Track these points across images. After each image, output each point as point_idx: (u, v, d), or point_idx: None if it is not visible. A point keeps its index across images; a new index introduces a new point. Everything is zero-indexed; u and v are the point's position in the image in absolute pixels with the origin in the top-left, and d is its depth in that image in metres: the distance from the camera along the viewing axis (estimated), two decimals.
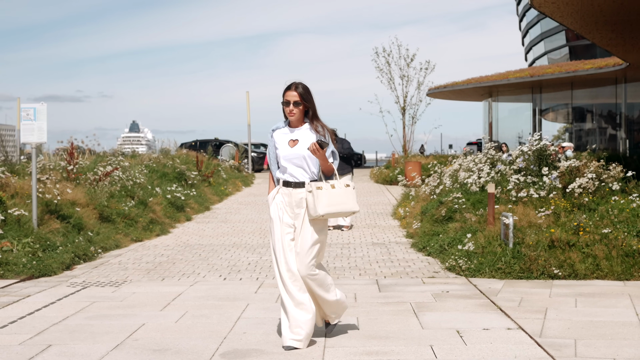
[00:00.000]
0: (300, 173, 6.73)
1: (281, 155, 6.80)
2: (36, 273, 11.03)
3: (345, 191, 6.66)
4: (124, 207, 16.16)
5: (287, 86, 6.79)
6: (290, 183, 6.75)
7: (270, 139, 6.95)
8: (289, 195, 6.75)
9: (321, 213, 6.53)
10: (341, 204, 6.61)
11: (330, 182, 6.64)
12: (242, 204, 23.45)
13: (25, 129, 13.02)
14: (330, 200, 6.55)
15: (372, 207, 21.86)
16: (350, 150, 16.69)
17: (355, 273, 11.10)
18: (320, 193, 6.55)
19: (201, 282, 10.49)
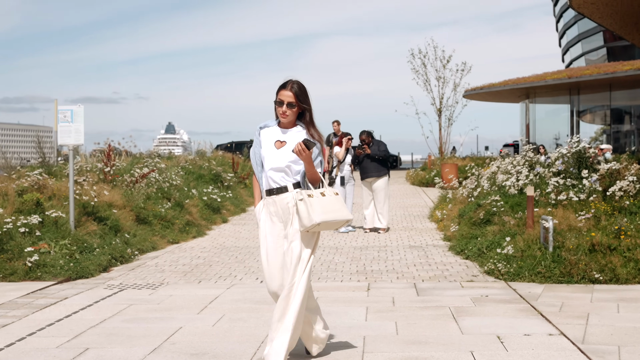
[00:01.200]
0: (281, 177, 6.14)
1: (264, 156, 6.19)
2: (73, 275, 11.05)
3: (336, 199, 6.13)
4: (161, 209, 16.18)
5: (282, 84, 6.17)
6: (273, 190, 6.17)
7: (257, 138, 6.33)
8: (274, 204, 6.17)
9: (317, 221, 5.94)
10: (335, 211, 6.06)
11: (320, 191, 6.10)
12: None
13: (62, 130, 13.05)
14: (323, 207, 6.00)
15: (409, 209, 21.74)
16: (386, 153, 16.60)
17: (393, 276, 11.00)
18: (313, 201, 5.99)
19: (238, 284, 10.45)
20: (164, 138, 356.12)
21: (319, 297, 9.32)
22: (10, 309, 8.84)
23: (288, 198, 6.10)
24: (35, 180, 14.12)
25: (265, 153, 6.19)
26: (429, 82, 43.57)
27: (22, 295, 9.73)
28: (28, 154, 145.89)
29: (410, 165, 60.73)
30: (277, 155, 6.12)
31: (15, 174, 15.56)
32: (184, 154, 39.50)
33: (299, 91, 6.12)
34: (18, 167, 17.71)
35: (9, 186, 13.65)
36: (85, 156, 20.94)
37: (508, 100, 54.26)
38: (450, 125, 43.04)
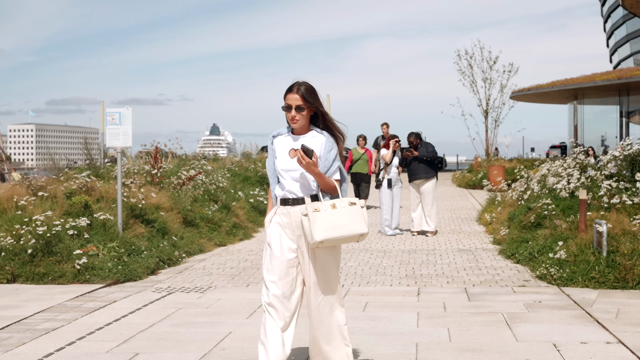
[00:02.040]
0: (299, 188, 5.58)
1: (279, 166, 5.66)
2: (121, 278, 11.04)
3: (350, 211, 5.43)
4: (208, 211, 16.16)
5: (288, 88, 5.65)
6: (289, 200, 5.60)
7: (270, 147, 5.81)
8: (288, 215, 5.59)
9: (318, 239, 5.31)
10: (344, 226, 5.38)
11: (331, 202, 5.43)
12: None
13: (110, 133, 13.06)
14: (329, 222, 5.35)
15: (456, 212, 21.54)
16: (434, 154, 16.44)
17: (443, 281, 10.85)
18: (317, 216, 5.35)
19: None
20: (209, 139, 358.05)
21: (368, 302, 9.21)
22: (60, 312, 8.83)
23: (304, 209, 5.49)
24: (84, 182, 14.16)
25: (279, 163, 5.67)
26: (475, 84, 43.30)
27: (71, 298, 9.73)
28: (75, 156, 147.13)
29: (456, 166, 60.34)
30: (292, 165, 5.58)
31: (63, 175, 15.62)
32: (228, 155, 39.50)
33: (306, 92, 5.58)
34: (66, 169, 17.80)
35: (58, 188, 13.70)
36: (131, 157, 20.99)
37: (555, 102, 53.72)
38: (496, 127, 42.69)
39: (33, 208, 12.48)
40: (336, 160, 5.58)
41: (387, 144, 16.71)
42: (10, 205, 12.69)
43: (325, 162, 5.53)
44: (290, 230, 5.58)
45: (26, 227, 11.49)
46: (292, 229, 5.57)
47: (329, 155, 5.55)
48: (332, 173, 5.54)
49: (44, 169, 20.98)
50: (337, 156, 5.61)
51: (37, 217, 11.66)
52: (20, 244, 11.26)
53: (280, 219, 5.63)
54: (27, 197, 12.78)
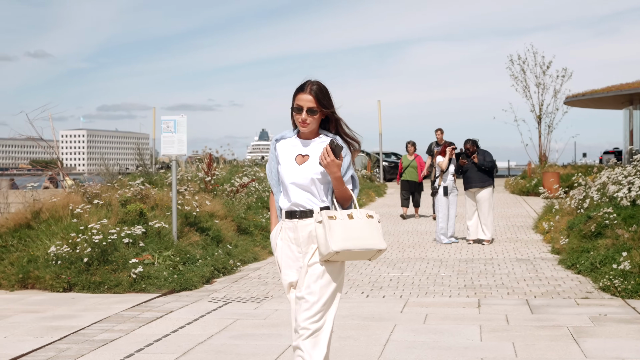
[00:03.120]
0: (307, 199, 5.01)
1: (284, 173, 5.07)
2: (177, 287, 10.97)
3: (368, 223, 4.92)
4: (261, 219, 16.07)
5: (299, 87, 5.06)
6: (295, 213, 5.03)
7: (272, 152, 5.24)
8: (294, 230, 5.03)
9: (335, 249, 4.79)
10: (361, 238, 4.86)
11: (348, 212, 4.92)
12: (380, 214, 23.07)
13: (165, 141, 13.02)
14: (346, 233, 4.83)
15: (511, 219, 21.23)
16: (492, 163, 16.18)
17: (503, 292, 10.61)
18: (334, 224, 4.84)
19: (343, 299, 10.20)
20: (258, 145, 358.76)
21: (428, 314, 9.03)
22: (117, 323, 8.76)
23: (312, 225, 4.95)
24: (138, 190, 14.14)
25: (285, 170, 5.08)
26: (528, 89, 42.73)
27: (127, 308, 9.66)
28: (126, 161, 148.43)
29: (507, 172, 59.76)
30: (300, 172, 5.00)
31: (117, 183, 15.64)
32: None
33: (320, 93, 5.00)
34: (119, 176, 17.84)
35: (113, 196, 13.69)
36: (183, 164, 21.00)
37: (610, 107, 52.93)
38: (550, 133, 42.14)
39: (89, 216, 12.47)
40: (350, 168, 5.03)
41: (444, 151, 16.49)
42: (66, 213, 12.70)
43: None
44: (297, 246, 5.04)
45: (82, 236, 11.48)
46: (299, 245, 5.03)
47: (343, 163, 4.97)
48: (346, 182, 5.00)
49: (96, 174, 21.10)
50: (351, 164, 5.08)
51: (93, 225, 11.64)
52: (76, 253, 11.24)
53: (287, 235, 5.09)
54: (82, 205, 12.77)
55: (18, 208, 13.71)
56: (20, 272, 11.32)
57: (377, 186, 33.65)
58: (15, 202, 15.24)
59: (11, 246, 12.07)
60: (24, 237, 12.25)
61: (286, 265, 5.08)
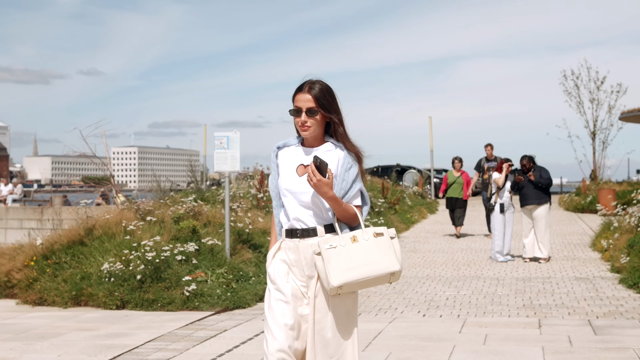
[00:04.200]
0: (309, 215, 4.46)
1: (283, 185, 4.54)
2: (230, 305, 10.84)
3: (376, 244, 4.33)
4: None
5: (298, 87, 4.56)
6: (296, 231, 4.48)
7: (273, 162, 4.69)
8: (295, 251, 4.47)
9: (335, 284, 4.23)
10: (367, 264, 4.28)
11: (351, 234, 4.35)
12: (430, 233, 22.87)
13: (218, 157, 12.92)
14: (349, 261, 4.26)
15: (567, 237, 20.84)
16: (549, 181, 15.86)
17: (564, 312, 10.33)
18: (333, 254, 4.26)
19: (400, 318, 10.00)
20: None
21: (488, 335, 8.78)
22: (171, 342, 8.64)
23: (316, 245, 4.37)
24: (191, 207, 14.06)
25: (284, 182, 4.55)
26: (582, 104, 42.17)
27: (181, 326, 9.54)
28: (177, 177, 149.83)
29: (559, 189, 59.05)
30: (300, 185, 4.47)
31: (169, 199, 15.58)
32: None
33: (320, 93, 4.47)
34: (171, 192, 17.81)
35: (165, 213, 13.62)
36: (234, 181, 20.93)
37: None
38: (604, 149, 41.52)
39: (141, 233, 12.40)
40: (357, 182, 4.48)
41: (500, 167, 16.21)
42: (119, 230, 12.65)
43: (342, 183, 4.42)
44: (298, 269, 4.47)
45: (135, 253, 11.41)
46: (300, 268, 4.47)
47: (348, 175, 4.44)
48: (352, 198, 4.46)
49: (148, 190, 21.12)
50: (359, 176, 4.50)
51: (146, 242, 11.57)
52: (129, 270, 11.17)
53: (286, 256, 4.51)
54: (135, 221, 12.72)
55: (71, 224, 13.70)
56: (73, 289, 11.27)
57: (428, 203, 33.32)
58: (68, 219, 15.26)
59: (64, 263, 12.05)
60: (77, 254, 12.22)
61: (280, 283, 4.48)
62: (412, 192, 33.16)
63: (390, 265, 4.30)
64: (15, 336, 9.15)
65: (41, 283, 11.68)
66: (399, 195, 28.00)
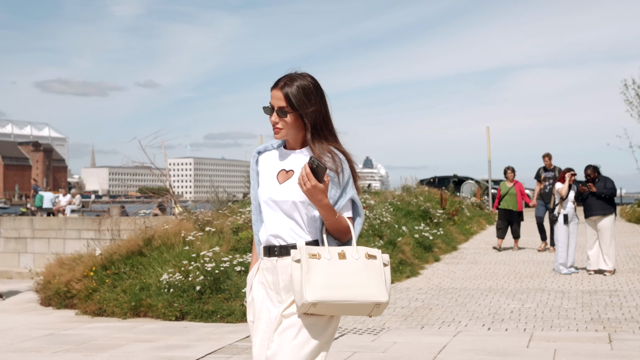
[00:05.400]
0: (289, 230, 3.85)
1: (262, 194, 3.94)
2: None
3: (365, 266, 3.70)
4: (373, 247, 15.68)
5: (276, 81, 3.95)
6: (274, 248, 3.86)
7: (253, 168, 4.09)
8: (273, 271, 3.86)
9: (310, 300, 3.59)
10: (351, 286, 3.63)
11: (340, 249, 3.73)
12: (489, 244, 22.51)
13: None
14: (331, 278, 3.62)
15: (632, 249, 20.38)
16: (613, 191, 15.46)
17: (634, 326, 9.99)
18: (315, 265, 3.65)
19: (464, 331, 9.75)
20: (362, 172, 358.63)
21: (557, 350, 8.50)
22: (232, 354, 8.50)
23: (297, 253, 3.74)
24: (249, 217, 13.95)
25: (263, 190, 3.95)
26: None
27: (241, 338, 9.40)
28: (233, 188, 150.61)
29: (619, 200, 58.09)
30: (280, 193, 3.87)
31: (227, 209, 15.50)
32: (381, 188, 39.02)
33: (295, 91, 3.85)
34: (229, 203, 17.74)
35: (224, 223, 13.52)
36: None
37: None
38: None
39: (200, 243, 12.31)
40: (349, 189, 3.87)
41: (563, 177, 15.86)
42: (177, 240, 12.57)
43: (330, 190, 3.81)
44: (276, 293, 3.86)
45: (194, 263, 11.30)
46: (277, 292, 3.85)
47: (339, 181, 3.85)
48: (342, 207, 3.85)
49: (205, 201, 21.10)
50: (351, 182, 3.89)
51: (205, 253, 11.47)
52: (188, 281, 11.07)
53: (264, 277, 3.90)
54: (194, 232, 12.63)
55: (129, 235, 13.68)
56: (132, 300, 11.21)
57: (487, 214, 32.96)
58: (127, 229, 15.25)
59: (123, 273, 12.00)
60: (136, 265, 12.17)
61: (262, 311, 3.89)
62: (470, 203, 32.82)
63: (377, 295, 3.65)
64: (75, 347, 9.09)
65: (100, 293, 11.64)
66: (458, 206, 27.68)
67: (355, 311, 3.68)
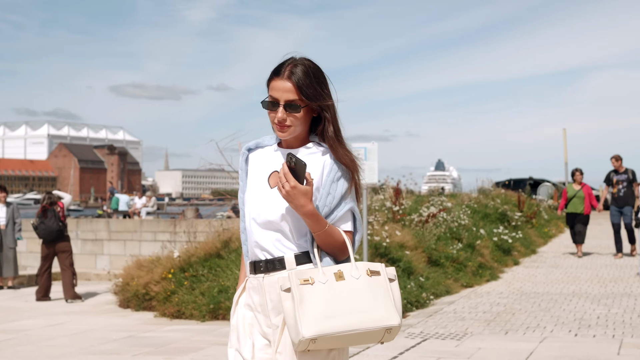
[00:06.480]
0: (276, 241, 3.27)
1: (247, 200, 3.37)
2: None
3: (369, 286, 3.10)
4: (452, 250, 15.43)
5: (275, 69, 3.32)
6: (259, 264, 3.30)
7: (242, 168, 3.48)
8: (259, 291, 3.29)
9: (307, 335, 3.00)
10: (356, 312, 3.04)
11: (336, 267, 3.13)
12: (569, 247, 22.02)
13: None
14: (330, 306, 3.04)
15: None
16: None
17: None
18: (308, 293, 3.06)
19: (550, 337, 9.46)
20: (434, 175, 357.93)
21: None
22: None
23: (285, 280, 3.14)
24: None
25: (250, 195, 3.37)
26: None
27: None
28: None
29: None
30: (268, 199, 3.29)
31: None
32: (453, 191, 38.55)
33: (305, 79, 3.24)
34: None
35: None
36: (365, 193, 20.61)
37: None
38: None
39: None
40: (348, 198, 3.28)
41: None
42: None
43: (327, 197, 3.23)
44: (264, 316, 3.29)
45: None
46: (266, 315, 3.28)
47: (336, 187, 3.25)
48: (340, 220, 3.26)
49: None
50: (350, 191, 3.29)
51: None
52: None
53: (250, 298, 3.35)
54: None
55: (205, 237, 13.64)
56: (211, 303, 11.13)
57: (564, 217, 32.34)
58: (203, 232, 15.24)
59: (202, 276, 11.94)
60: (214, 267, 12.10)
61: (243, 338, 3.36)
62: (547, 206, 32.26)
63: (386, 318, 3.06)
64: (155, 350, 9.03)
65: (179, 296, 11.60)
66: (535, 208, 27.21)
67: (363, 340, 3.09)
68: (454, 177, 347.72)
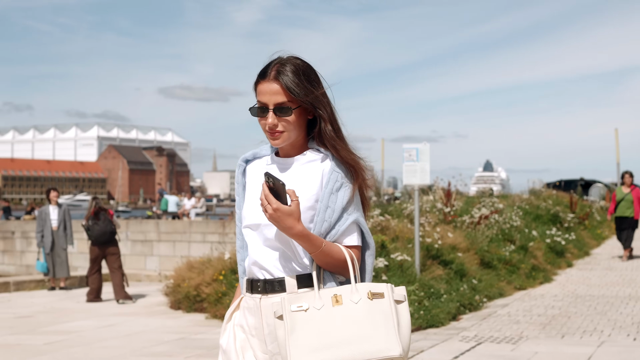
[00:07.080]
0: (276, 260, 3.01)
1: (245, 215, 3.12)
2: (424, 324, 10.37)
3: (370, 311, 2.81)
4: (505, 252, 15.24)
5: (261, 71, 3.08)
6: (257, 284, 3.04)
7: (239, 181, 3.23)
8: (256, 313, 3.03)
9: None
10: (353, 342, 2.76)
11: (334, 291, 2.86)
12: (622, 250, 21.66)
13: (407, 170, 12.51)
14: (323, 335, 2.77)
15: None
16: None
17: None
18: (300, 321, 2.80)
19: (608, 342, 9.26)
20: (482, 176, 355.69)
21: None
22: None
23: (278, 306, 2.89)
24: (378, 221, 13.69)
25: (247, 209, 3.12)
26: None
27: None
28: None
29: None
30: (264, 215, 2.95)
31: None
32: (502, 191, 38.21)
33: (294, 79, 2.99)
34: None
35: None
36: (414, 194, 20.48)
37: None
38: None
39: None
40: (350, 209, 2.98)
41: None
42: None
43: (326, 211, 2.96)
44: (259, 341, 3.04)
45: None
46: (262, 340, 3.03)
47: (335, 199, 2.96)
48: (343, 234, 2.97)
49: None
50: (354, 200, 3.01)
51: None
52: None
53: (244, 319, 3.09)
54: None
55: None
56: None
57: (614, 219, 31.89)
58: None
59: None
60: None
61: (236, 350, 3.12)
62: (599, 207, 31.82)
63: (385, 349, 2.75)
64: (207, 352, 8.99)
65: (230, 297, 11.53)
66: (588, 210, 26.85)
67: None
68: (502, 178, 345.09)
